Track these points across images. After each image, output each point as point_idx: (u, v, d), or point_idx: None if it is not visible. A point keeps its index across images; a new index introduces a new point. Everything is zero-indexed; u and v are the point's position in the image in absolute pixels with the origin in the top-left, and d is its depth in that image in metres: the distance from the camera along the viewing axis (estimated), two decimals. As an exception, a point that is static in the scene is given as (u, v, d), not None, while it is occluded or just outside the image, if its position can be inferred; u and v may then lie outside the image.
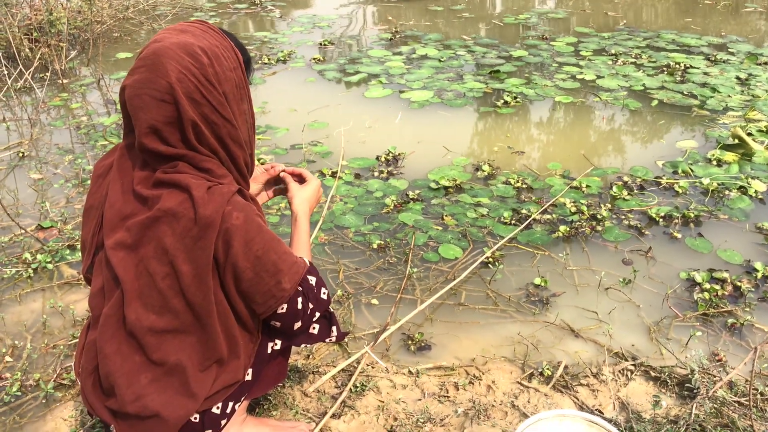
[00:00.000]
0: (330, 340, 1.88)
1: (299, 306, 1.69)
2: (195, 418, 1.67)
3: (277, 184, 2.02)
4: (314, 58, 5.74)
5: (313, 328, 1.82)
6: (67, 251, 3.00)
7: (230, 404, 1.73)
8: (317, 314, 1.77)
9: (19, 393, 2.23)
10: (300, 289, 1.68)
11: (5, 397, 2.21)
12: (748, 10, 7.32)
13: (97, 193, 1.68)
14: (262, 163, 2.16)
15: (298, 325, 1.72)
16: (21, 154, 4.01)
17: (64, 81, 5.25)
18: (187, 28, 1.59)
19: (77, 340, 2.39)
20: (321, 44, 6.20)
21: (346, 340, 2.45)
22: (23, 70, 5.21)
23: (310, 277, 1.72)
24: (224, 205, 1.53)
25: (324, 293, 1.78)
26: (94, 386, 1.68)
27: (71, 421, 2.11)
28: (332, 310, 1.90)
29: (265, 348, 1.77)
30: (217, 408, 1.70)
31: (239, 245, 1.54)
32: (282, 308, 1.67)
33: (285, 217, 3.28)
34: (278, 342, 1.79)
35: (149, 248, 1.55)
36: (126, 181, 1.61)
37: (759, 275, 2.79)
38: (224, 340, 1.65)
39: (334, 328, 1.88)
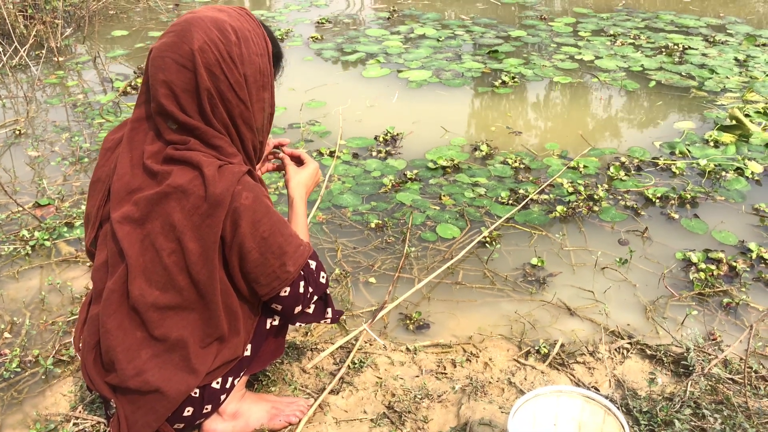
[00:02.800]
0: (325, 321, 1.88)
1: (301, 290, 1.70)
2: (195, 393, 1.69)
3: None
4: (312, 37, 5.70)
5: (309, 308, 1.82)
6: (65, 229, 3.00)
7: (230, 379, 1.75)
8: (315, 297, 1.78)
9: (18, 369, 2.24)
10: (302, 273, 1.69)
11: (4, 373, 2.22)
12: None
13: (104, 166, 1.68)
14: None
15: (298, 309, 1.74)
16: (17, 132, 3.99)
17: (60, 59, 5.20)
18: (225, 8, 1.61)
19: (76, 316, 2.40)
20: (318, 23, 6.15)
21: (344, 317, 2.46)
22: (18, 47, 5.17)
23: (310, 261, 1.73)
24: (234, 184, 1.53)
25: (323, 277, 1.79)
26: (95, 361, 1.69)
27: (70, 396, 2.12)
28: (328, 292, 1.91)
29: (264, 324, 1.78)
30: (217, 383, 1.72)
31: (247, 225, 1.55)
32: (285, 291, 1.67)
33: (283, 196, 3.28)
34: (276, 318, 1.81)
35: (156, 224, 1.55)
36: (136, 155, 1.61)
37: (753, 255, 2.81)
38: (225, 317, 1.65)
39: (329, 310, 1.88)
